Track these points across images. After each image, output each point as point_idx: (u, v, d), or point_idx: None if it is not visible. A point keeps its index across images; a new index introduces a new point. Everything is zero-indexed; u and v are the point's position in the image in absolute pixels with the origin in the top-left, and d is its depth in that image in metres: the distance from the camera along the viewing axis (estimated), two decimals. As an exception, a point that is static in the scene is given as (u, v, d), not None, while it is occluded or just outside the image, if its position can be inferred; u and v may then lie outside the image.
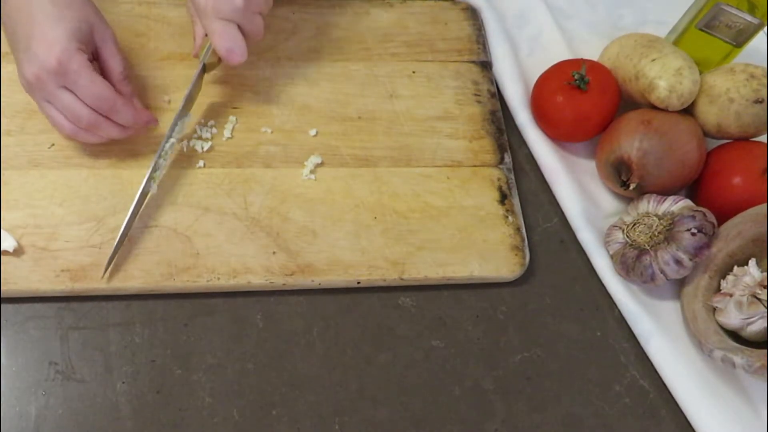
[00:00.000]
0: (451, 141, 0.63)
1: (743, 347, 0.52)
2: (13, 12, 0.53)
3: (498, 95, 0.67)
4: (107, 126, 0.54)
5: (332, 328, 0.55)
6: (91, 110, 0.53)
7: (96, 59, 0.56)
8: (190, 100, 0.58)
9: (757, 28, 0.60)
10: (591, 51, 0.67)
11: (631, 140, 0.58)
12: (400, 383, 0.53)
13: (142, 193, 0.54)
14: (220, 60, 0.59)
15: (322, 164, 0.60)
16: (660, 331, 0.56)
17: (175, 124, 0.57)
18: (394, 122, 0.63)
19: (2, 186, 0.55)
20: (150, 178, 0.55)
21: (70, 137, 0.55)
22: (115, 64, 0.56)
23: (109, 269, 0.53)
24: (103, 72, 0.56)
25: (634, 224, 0.57)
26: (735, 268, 0.55)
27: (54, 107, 0.53)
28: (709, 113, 0.59)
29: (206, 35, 0.58)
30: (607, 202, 0.63)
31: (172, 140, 0.57)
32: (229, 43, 0.55)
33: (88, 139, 0.55)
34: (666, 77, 0.58)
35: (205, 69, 0.59)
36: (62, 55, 0.51)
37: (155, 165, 0.55)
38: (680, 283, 0.58)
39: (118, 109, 0.54)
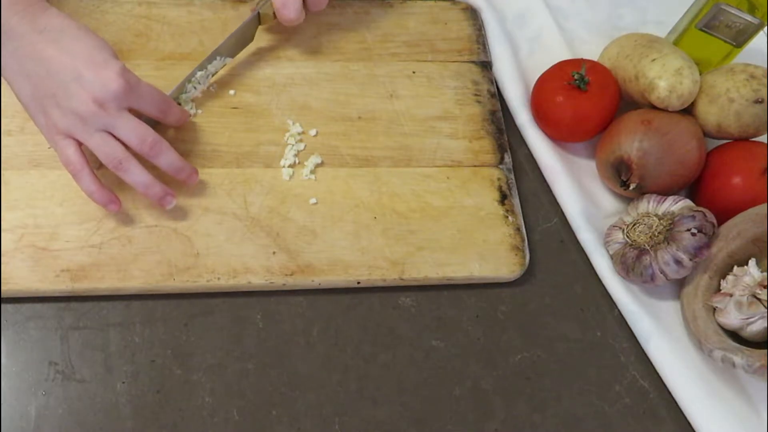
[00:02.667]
0: (451, 141, 0.63)
1: (743, 347, 0.52)
2: (34, 69, 0.50)
3: (498, 95, 0.67)
4: (167, 151, 0.52)
5: (332, 328, 0.55)
6: (153, 131, 0.52)
7: None
8: (235, 43, 0.58)
9: (757, 28, 0.60)
10: (591, 51, 0.67)
11: (631, 140, 0.58)
12: (400, 383, 0.53)
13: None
14: (275, 15, 0.59)
15: (322, 164, 0.60)
16: (660, 331, 0.56)
17: (213, 58, 0.56)
18: (394, 122, 0.63)
19: (2, 186, 0.55)
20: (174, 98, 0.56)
21: (111, 165, 0.51)
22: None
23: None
24: None
25: (634, 224, 0.57)
26: (735, 268, 0.55)
27: (99, 136, 0.50)
28: (709, 113, 0.59)
29: None
30: (607, 202, 0.63)
31: (203, 72, 0.57)
32: None
33: (132, 173, 0.51)
34: (666, 77, 0.58)
35: (260, 19, 0.59)
36: (123, 70, 0.50)
37: (181, 86, 0.56)
38: (680, 283, 0.58)
39: (177, 115, 0.55)
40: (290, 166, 0.60)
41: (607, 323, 0.58)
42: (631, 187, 0.58)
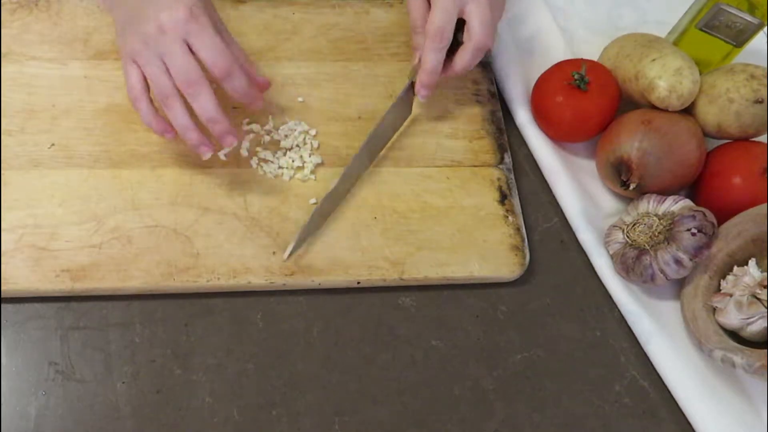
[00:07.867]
0: (451, 141, 0.63)
1: (743, 347, 0.52)
2: None
3: (498, 95, 0.67)
4: (206, 96, 0.52)
5: (332, 328, 0.55)
6: (201, 72, 0.51)
7: None
8: (395, 117, 0.61)
9: (757, 28, 0.60)
10: (591, 51, 0.67)
11: (631, 140, 0.58)
12: (400, 383, 0.53)
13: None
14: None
15: (322, 164, 0.60)
16: (660, 331, 0.56)
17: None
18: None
19: (2, 186, 0.55)
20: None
21: (159, 98, 0.52)
22: (237, 49, 0.55)
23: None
24: None
25: (634, 224, 0.57)
26: (735, 268, 0.55)
27: (156, 65, 0.51)
28: (709, 113, 0.59)
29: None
30: (607, 202, 0.63)
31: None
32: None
33: (173, 112, 0.52)
34: (666, 77, 0.58)
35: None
36: (194, 6, 0.51)
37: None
38: (680, 283, 0.58)
39: (235, 73, 0.52)
40: (291, 166, 0.60)
41: (607, 323, 0.58)
42: (631, 187, 0.58)
